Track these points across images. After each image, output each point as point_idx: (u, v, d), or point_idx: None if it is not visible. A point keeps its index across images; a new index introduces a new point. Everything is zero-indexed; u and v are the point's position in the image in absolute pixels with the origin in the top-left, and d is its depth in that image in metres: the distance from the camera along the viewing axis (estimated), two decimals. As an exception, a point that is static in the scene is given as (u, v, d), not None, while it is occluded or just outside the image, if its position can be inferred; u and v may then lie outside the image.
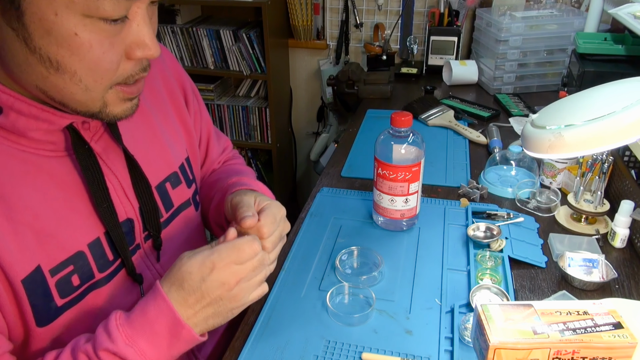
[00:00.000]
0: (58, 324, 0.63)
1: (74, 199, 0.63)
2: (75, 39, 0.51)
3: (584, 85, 1.35)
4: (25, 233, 0.58)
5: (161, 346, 0.60)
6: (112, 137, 0.68)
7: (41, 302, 0.60)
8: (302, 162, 2.65)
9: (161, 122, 0.79)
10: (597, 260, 0.89)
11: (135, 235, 0.72)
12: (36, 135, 0.59)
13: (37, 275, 0.59)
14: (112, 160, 0.68)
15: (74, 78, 0.54)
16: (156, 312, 0.60)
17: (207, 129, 0.93)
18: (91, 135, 0.66)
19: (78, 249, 0.63)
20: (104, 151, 0.67)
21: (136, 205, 0.71)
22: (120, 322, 0.59)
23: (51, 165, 0.62)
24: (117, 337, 0.58)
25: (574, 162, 1.12)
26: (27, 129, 0.58)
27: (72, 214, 0.63)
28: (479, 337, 0.60)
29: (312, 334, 0.79)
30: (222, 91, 2.41)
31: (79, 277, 0.63)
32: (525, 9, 1.76)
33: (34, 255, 0.59)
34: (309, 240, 1.01)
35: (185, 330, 0.60)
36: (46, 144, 0.61)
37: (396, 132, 0.95)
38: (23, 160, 0.59)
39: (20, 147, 0.59)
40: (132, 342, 0.58)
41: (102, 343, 0.58)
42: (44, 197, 0.60)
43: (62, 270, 0.61)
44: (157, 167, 0.76)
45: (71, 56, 0.52)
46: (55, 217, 0.61)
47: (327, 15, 2.22)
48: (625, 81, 0.73)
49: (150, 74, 0.79)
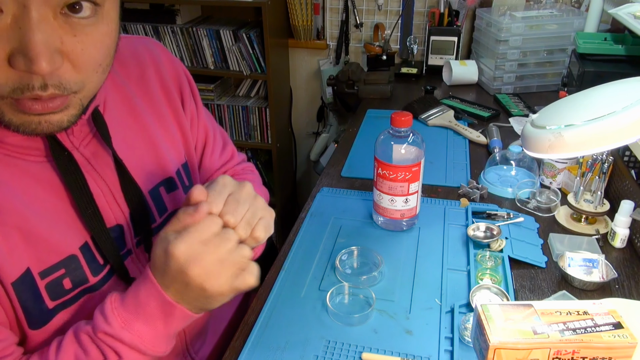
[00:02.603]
0: (52, 326, 0.62)
1: (59, 203, 0.63)
2: None
3: (584, 85, 1.35)
4: (13, 235, 0.57)
5: (157, 326, 0.60)
6: (101, 142, 0.67)
7: (32, 305, 0.60)
8: (302, 162, 2.65)
9: (156, 126, 0.77)
10: (597, 260, 0.89)
11: (126, 240, 0.70)
12: (15, 140, 0.58)
13: (26, 278, 0.58)
14: (102, 166, 0.67)
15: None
16: (146, 294, 0.59)
17: (204, 132, 0.89)
18: (79, 141, 0.64)
19: (70, 253, 0.63)
20: (93, 156, 0.66)
21: (126, 211, 0.69)
22: (115, 306, 0.59)
23: (35, 169, 0.61)
24: (113, 321, 0.58)
25: (574, 162, 1.12)
26: (4, 135, 0.57)
27: (59, 218, 0.62)
28: (479, 337, 0.60)
29: (312, 334, 0.79)
30: (222, 91, 2.41)
31: (71, 280, 0.63)
32: (525, 9, 1.76)
33: (23, 258, 0.58)
34: (309, 240, 1.01)
35: (178, 310, 0.59)
36: (29, 149, 0.60)
37: (396, 132, 0.95)
38: (7, 164, 0.59)
39: (4, 151, 0.59)
40: (127, 325, 0.58)
41: (99, 326, 0.58)
42: (31, 200, 0.60)
43: (52, 274, 0.61)
44: (151, 172, 0.75)
45: None
46: (43, 220, 0.60)
47: (327, 15, 2.22)
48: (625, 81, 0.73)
49: (144, 75, 0.78)
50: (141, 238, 0.73)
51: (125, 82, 0.74)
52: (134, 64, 0.77)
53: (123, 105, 0.73)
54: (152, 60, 0.80)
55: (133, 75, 0.76)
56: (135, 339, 0.58)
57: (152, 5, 2.23)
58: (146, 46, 0.81)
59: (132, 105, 0.74)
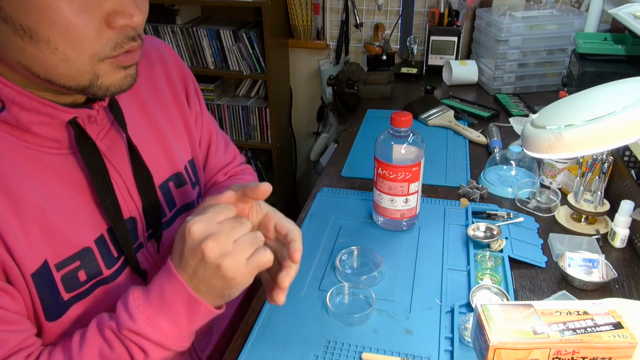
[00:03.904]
0: (67, 318, 0.63)
1: (78, 196, 0.64)
2: (42, 1, 0.50)
3: (584, 85, 1.35)
4: (33, 228, 0.59)
5: (181, 323, 0.60)
6: (117, 132, 0.68)
7: (49, 296, 0.61)
8: (302, 162, 2.65)
9: (165, 121, 0.79)
10: (597, 260, 0.89)
11: (139, 234, 0.72)
12: (40, 131, 0.60)
13: (44, 270, 0.60)
14: (117, 159, 0.68)
15: (50, 46, 0.52)
16: (172, 291, 0.59)
17: (208, 131, 0.92)
18: (97, 130, 0.66)
19: (85, 245, 0.64)
20: (109, 149, 0.67)
21: (139, 205, 0.71)
22: (139, 302, 0.59)
23: (55, 162, 0.62)
24: (138, 318, 0.59)
25: (574, 162, 1.12)
26: (31, 123, 0.58)
27: (76, 211, 0.63)
28: (479, 337, 0.60)
29: (312, 334, 0.79)
30: (222, 91, 2.41)
31: (86, 273, 0.64)
32: (525, 9, 1.76)
33: (41, 250, 0.59)
34: (309, 240, 1.01)
35: (203, 307, 0.60)
36: (50, 142, 0.61)
37: (396, 132, 0.95)
38: (27, 157, 0.60)
39: (25, 143, 0.60)
40: (152, 322, 0.59)
41: (124, 323, 0.59)
42: (49, 193, 0.61)
43: (68, 266, 0.62)
44: (161, 166, 0.76)
45: (41, 21, 0.50)
46: (60, 213, 0.61)
47: (327, 15, 2.22)
48: (625, 81, 0.73)
49: (153, 72, 0.80)
50: (152, 232, 0.73)
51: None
52: (142, 62, 0.78)
53: (133, 102, 0.75)
54: (160, 58, 0.82)
55: (142, 73, 0.78)
56: (160, 335, 0.59)
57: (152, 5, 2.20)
58: (153, 45, 0.83)
59: (143, 101, 0.76)
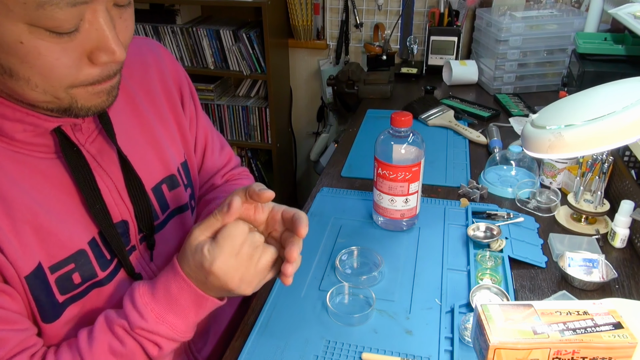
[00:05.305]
0: (63, 320, 0.64)
1: (68, 199, 0.64)
2: (21, 47, 0.50)
3: (584, 85, 1.35)
4: (25, 231, 0.59)
5: (189, 317, 0.65)
6: (106, 139, 0.68)
7: (44, 299, 0.61)
8: (302, 162, 2.65)
9: (158, 124, 0.79)
10: (597, 260, 0.89)
11: (131, 236, 0.72)
12: (24, 137, 0.60)
13: (38, 273, 0.60)
14: (107, 162, 0.68)
15: (30, 84, 0.53)
16: (178, 289, 0.63)
17: (204, 134, 0.91)
18: (85, 137, 0.66)
19: (79, 248, 0.64)
20: (99, 153, 0.67)
21: (131, 208, 0.71)
22: (147, 301, 0.63)
23: (44, 166, 0.62)
24: (148, 316, 0.62)
25: (574, 162, 1.12)
26: (14, 131, 0.59)
27: (68, 214, 0.63)
28: (479, 337, 0.60)
29: (312, 334, 0.79)
30: (222, 91, 2.41)
31: (80, 275, 0.64)
32: (525, 9, 1.77)
33: (35, 253, 0.60)
34: (309, 240, 1.01)
35: (210, 301, 0.65)
36: (38, 146, 0.62)
37: (396, 132, 0.95)
38: (17, 161, 0.60)
39: (13, 148, 0.60)
40: (162, 319, 0.63)
41: (135, 322, 0.62)
42: (41, 196, 0.61)
43: (62, 268, 0.62)
44: (154, 169, 0.76)
45: (21, 63, 0.51)
46: (53, 216, 0.61)
47: (327, 15, 2.22)
48: (625, 81, 0.73)
49: (148, 76, 0.79)
50: (144, 235, 0.74)
51: (128, 81, 0.76)
52: (137, 64, 0.78)
53: (126, 104, 0.74)
54: (155, 61, 0.81)
55: (136, 75, 0.78)
56: (170, 330, 0.63)
57: (152, 5, 2.24)
58: (149, 47, 0.82)
59: (135, 103, 0.76)
